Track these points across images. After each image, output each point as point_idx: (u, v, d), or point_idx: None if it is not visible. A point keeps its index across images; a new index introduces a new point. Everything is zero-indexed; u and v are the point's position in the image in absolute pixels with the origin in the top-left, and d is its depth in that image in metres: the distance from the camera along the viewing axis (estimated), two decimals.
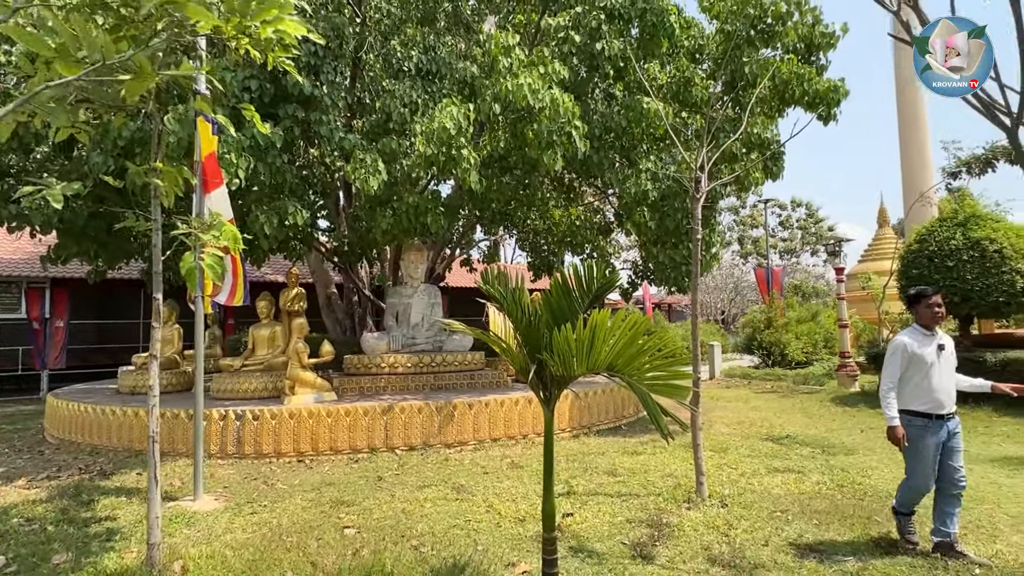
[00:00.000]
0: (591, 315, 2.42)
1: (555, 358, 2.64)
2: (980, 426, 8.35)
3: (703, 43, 8.56)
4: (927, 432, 3.80)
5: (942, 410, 3.80)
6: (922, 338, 3.94)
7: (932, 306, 3.92)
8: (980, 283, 9.65)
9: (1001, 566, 3.64)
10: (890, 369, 3.94)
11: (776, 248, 43.94)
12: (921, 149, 18.67)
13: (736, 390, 14.28)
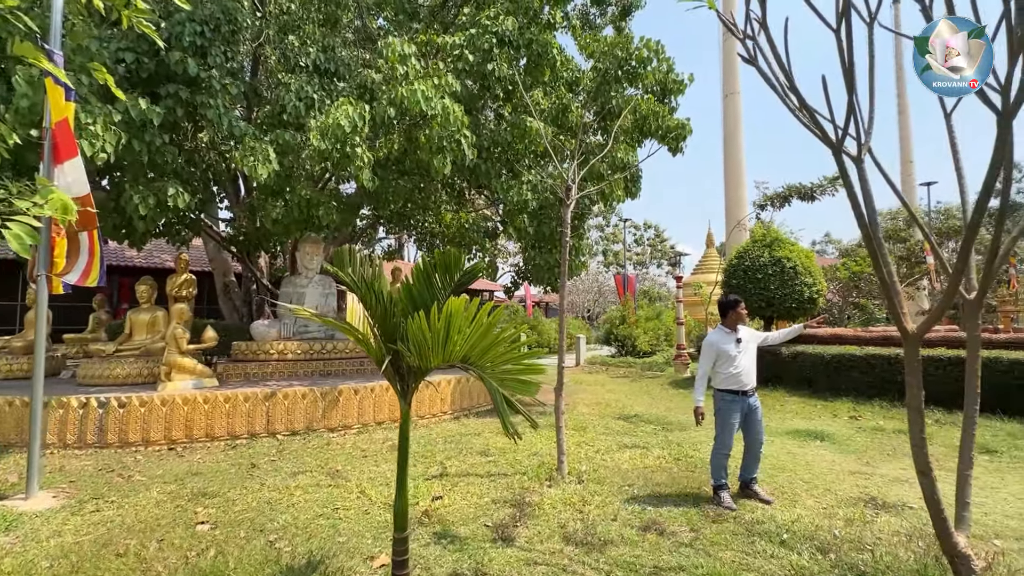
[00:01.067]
0: (447, 303, 1.92)
1: (411, 348, 2.11)
2: (777, 404, 8.95)
3: (579, 76, 8.42)
4: (734, 405, 4.24)
5: (745, 388, 4.24)
6: (725, 336, 4.31)
7: (738, 311, 4.32)
8: (780, 292, 10.47)
9: (800, 530, 3.63)
10: (702, 361, 4.37)
11: (631, 260, 46.49)
12: (739, 186, 20.47)
13: (596, 375, 14.54)
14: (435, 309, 1.90)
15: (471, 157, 6.73)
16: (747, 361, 4.26)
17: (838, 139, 2.50)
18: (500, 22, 7.04)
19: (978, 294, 2.61)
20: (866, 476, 4.99)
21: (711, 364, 4.31)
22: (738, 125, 19.97)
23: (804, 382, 9.96)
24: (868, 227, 2.49)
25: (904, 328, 2.49)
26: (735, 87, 20.04)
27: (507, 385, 2.01)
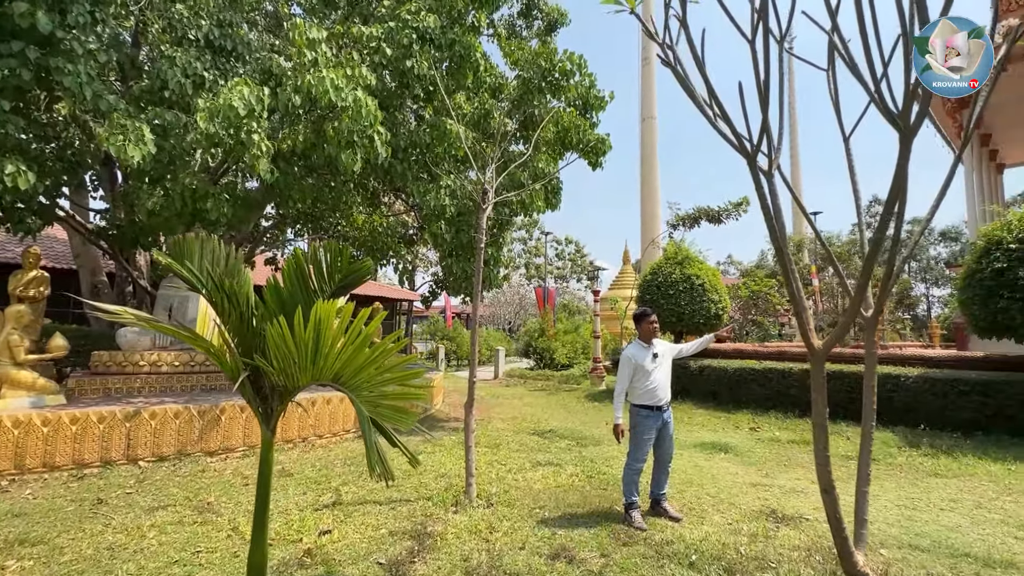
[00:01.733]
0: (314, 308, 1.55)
1: (274, 363, 1.71)
2: (685, 417, 9.25)
3: (503, 83, 8.29)
4: (649, 421, 4.17)
5: (660, 403, 4.18)
6: (642, 350, 4.25)
7: (650, 324, 4.27)
8: (689, 308, 10.93)
9: (708, 550, 3.58)
10: (620, 376, 4.29)
11: (552, 273, 47.46)
12: (654, 206, 21.58)
13: (514, 388, 14.39)
14: (299, 315, 1.52)
15: (384, 155, 6.30)
16: (662, 375, 4.22)
17: (752, 150, 2.45)
18: (422, 18, 6.72)
19: (874, 311, 2.67)
20: (766, 488, 5.14)
21: (628, 379, 4.24)
22: (653, 148, 21.10)
23: (710, 395, 10.42)
24: (779, 240, 2.45)
25: (811, 344, 2.47)
26: (652, 112, 21.18)
27: (381, 414, 1.66)
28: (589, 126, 8.30)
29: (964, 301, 7.65)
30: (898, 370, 8.13)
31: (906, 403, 7.79)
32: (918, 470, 5.81)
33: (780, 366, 9.44)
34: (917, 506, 4.65)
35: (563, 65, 7.89)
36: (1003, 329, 7.03)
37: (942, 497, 4.84)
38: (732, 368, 10.02)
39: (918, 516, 4.37)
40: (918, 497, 4.87)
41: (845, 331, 2.46)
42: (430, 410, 9.75)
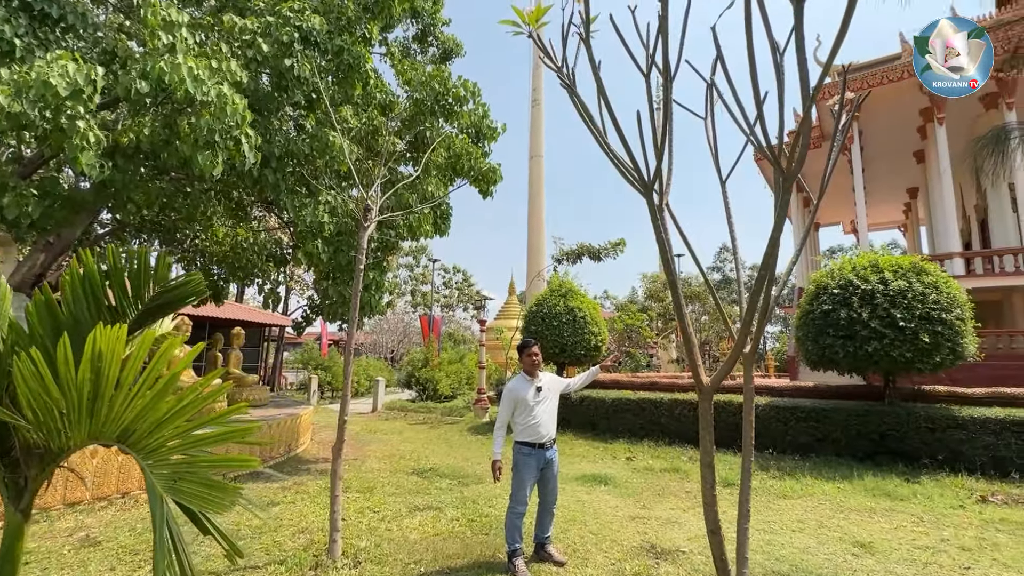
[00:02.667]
0: (91, 336, 1.06)
1: (28, 413, 1.17)
2: (566, 448, 9.30)
3: (394, 101, 7.95)
4: (531, 459, 3.91)
5: (543, 440, 3.94)
6: (524, 383, 4.05)
7: (531, 355, 4.09)
8: (572, 339, 11.21)
9: None
10: (501, 410, 4.06)
11: (439, 302, 46.84)
12: (540, 240, 22.41)
13: (394, 422, 13.53)
14: (65, 347, 1.03)
15: (253, 162, 5.56)
16: (546, 411, 4.04)
17: (649, 184, 2.41)
18: (306, 17, 6.19)
19: (752, 347, 2.75)
20: (644, 520, 5.18)
21: (510, 413, 4.01)
22: (540, 184, 22.07)
23: (589, 425, 10.67)
24: (672, 274, 2.42)
25: (700, 380, 2.43)
26: (539, 151, 22.22)
27: (182, 491, 1.19)
28: (481, 154, 8.25)
29: (799, 338, 8.75)
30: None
31: (756, 429, 8.59)
32: (770, 492, 6.32)
33: (652, 396, 9.97)
34: (773, 529, 4.98)
35: (457, 91, 7.80)
36: (829, 362, 8.11)
37: (792, 519, 5.26)
38: (610, 398, 10.38)
39: (776, 540, 4.66)
40: (773, 519, 5.23)
41: (731, 367, 2.47)
42: (295, 451, 8.67)
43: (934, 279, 7.51)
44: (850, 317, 7.60)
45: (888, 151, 18.95)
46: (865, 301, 7.55)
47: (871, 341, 7.44)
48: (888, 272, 7.61)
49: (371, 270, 7.27)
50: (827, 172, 2.59)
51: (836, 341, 7.82)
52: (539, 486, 4.05)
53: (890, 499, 5.94)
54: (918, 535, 4.76)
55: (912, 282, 7.43)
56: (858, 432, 7.68)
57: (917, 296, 7.30)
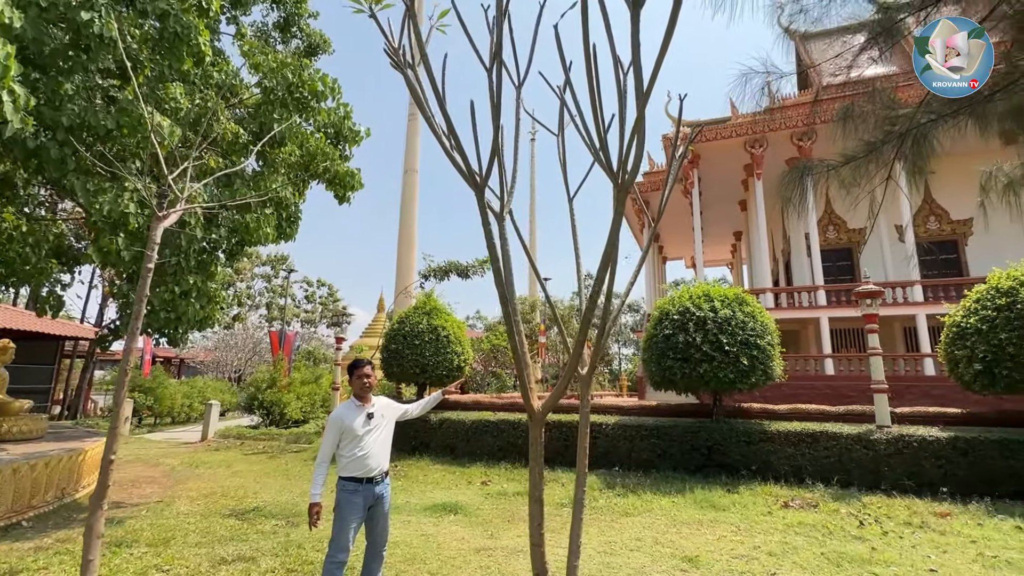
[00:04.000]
0: None
1: None
2: (420, 475, 8.75)
3: (236, 84, 6.96)
4: (356, 496, 3.40)
5: (372, 474, 3.44)
6: (353, 410, 3.52)
7: (361, 376, 3.57)
8: (434, 359, 10.76)
9: None
10: (325, 442, 3.48)
11: (298, 316, 43.15)
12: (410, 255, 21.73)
13: (225, 452, 11.73)
14: None
15: (18, 126, 4.32)
16: (378, 441, 3.53)
17: (480, 182, 2.15)
18: None
19: (589, 368, 2.62)
20: (490, 553, 4.89)
21: (334, 445, 3.45)
22: (413, 199, 21.54)
23: (447, 449, 10.23)
24: (503, 285, 2.18)
25: (531, 407, 2.20)
26: (414, 165, 21.76)
27: None
28: (339, 156, 7.58)
29: (645, 360, 9.34)
30: (601, 418, 9.32)
31: (606, 447, 8.90)
32: (614, 511, 6.45)
33: (512, 417, 9.89)
34: (613, 549, 5.00)
35: (313, 84, 7.08)
36: (669, 382, 8.74)
37: (631, 537, 5.36)
38: (470, 420, 10.08)
39: (614, 561, 4.66)
40: (614, 539, 5.28)
41: (562, 393, 2.29)
42: (72, 496, 6.89)
43: (752, 309, 8.53)
44: (687, 341, 8.28)
45: (721, 199, 21.86)
46: (699, 327, 8.29)
47: (703, 363, 8.15)
48: (718, 302, 8.47)
49: (192, 274, 6.14)
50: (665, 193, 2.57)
51: (675, 363, 8.45)
52: (366, 527, 3.52)
53: (715, 510, 6.40)
54: (735, 544, 5.11)
55: (736, 311, 8.34)
56: (691, 447, 8.32)
57: (739, 324, 8.19)
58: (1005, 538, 5.30)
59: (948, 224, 17.01)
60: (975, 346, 7.33)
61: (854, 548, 4.95)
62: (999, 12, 2.91)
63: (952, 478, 6.93)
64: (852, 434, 7.53)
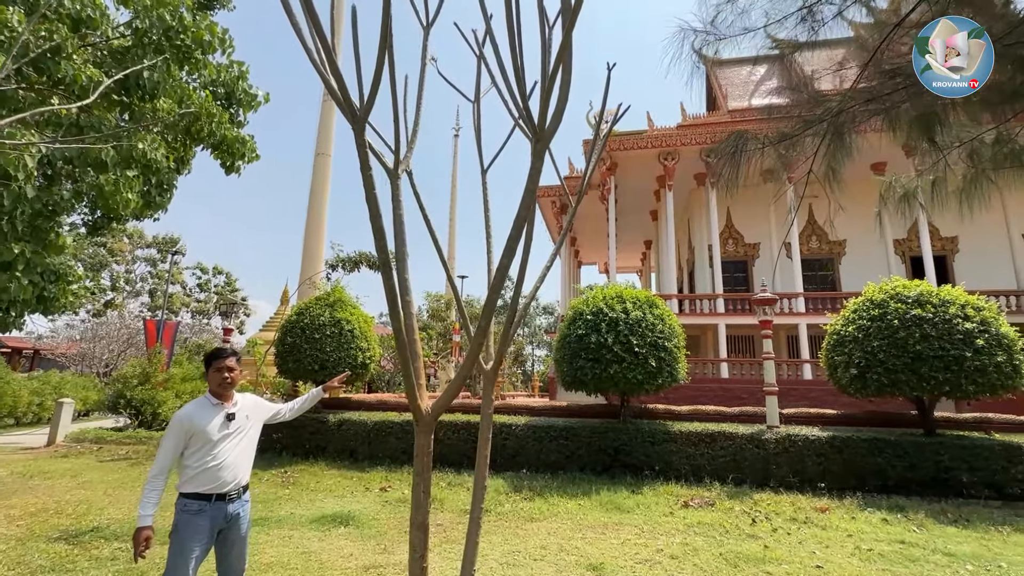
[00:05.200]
0: None
1: None
2: (312, 482, 7.91)
3: (96, 19, 5.77)
4: (201, 519, 2.72)
5: (225, 488, 2.79)
6: (208, 409, 2.85)
7: (222, 370, 2.89)
8: (335, 354, 9.89)
9: None
10: (163, 449, 2.74)
11: (189, 307, 38.97)
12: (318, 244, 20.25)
13: (75, 459, 9.97)
14: None
15: None
16: (237, 448, 2.87)
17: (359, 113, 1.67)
18: None
19: (494, 363, 2.23)
20: (380, 570, 4.35)
21: (176, 451, 2.75)
22: (325, 184, 20.09)
23: (347, 452, 9.43)
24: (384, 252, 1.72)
25: (418, 407, 1.75)
26: (327, 149, 20.31)
27: None
28: (229, 120, 6.60)
29: (557, 360, 9.20)
30: (511, 419, 9.04)
31: (515, 449, 8.62)
32: (519, 516, 6.15)
33: None
34: (517, 560, 4.67)
35: (199, 33, 6.07)
36: (579, 383, 8.65)
37: (536, 545, 5.06)
38: (372, 421, 9.36)
39: (517, 574, 4.32)
40: (518, 548, 4.95)
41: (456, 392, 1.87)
42: None
43: (661, 312, 8.68)
44: (598, 342, 8.22)
45: (635, 208, 22.71)
46: (611, 327, 8.27)
47: (613, 364, 8.14)
48: (630, 303, 8.51)
49: (19, 242, 4.95)
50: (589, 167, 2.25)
51: (587, 363, 8.37)
52: (217, 556, 2.85)
53: (619, 512, 6.31)
54: (639, 548, 4.99)
55: (646, 313, 8.43)
56: (599, 448, 8.27)
57: (649, 325, 8.29)
58: (876, 531, 5.68)
59: (827, 244, 18.89)
60: (852, 352, 7.96)
61: (748, 547, 5.02)
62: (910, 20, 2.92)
63: (829, 474, 7.43)
64: (746, 434, 7.87)
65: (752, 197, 18.96)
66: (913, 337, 7.40)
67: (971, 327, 7.25)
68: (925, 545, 5.19)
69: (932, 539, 5.41)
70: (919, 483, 7.19)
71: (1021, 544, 5.36)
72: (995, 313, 7.51)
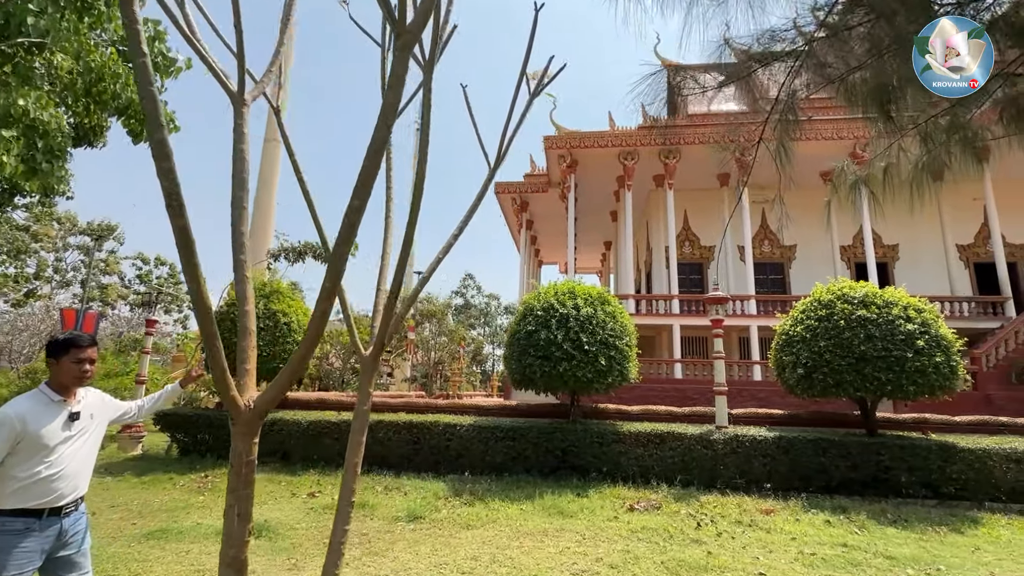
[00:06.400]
0: None
1: None
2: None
3: None
4: (27, 538, 2.18)
5: (60, 502, 2.28)
6: (47, 407, 2.30)
7: (83, 361, 2.37)
8: (268, 349, 9.18)
9: None
10: None
11: (127, 300, 36.51)
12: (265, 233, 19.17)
13: None
14: None
15: None
16: (78, 454, 2.35)
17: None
18: None
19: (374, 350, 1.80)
20: None
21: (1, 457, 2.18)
22: (273, 171, 19.02)
23: (279, 454, 8.73)
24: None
25: (234, 402, 1.30)
26: (275, 135, 19.26)
27: None
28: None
29: (507, 357, 8.81)
30: (456, 419, 8.57)
31: (459, 450, 8.16)
32: (455, 522, 5.71)
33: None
34: (442, 574, 4.23)
35: None
36: (529, 381, 8.28)
37: (467, 555, 4.64)
38: (308, 421, 8.69)
39: None
40: (446, 561, 4.51)
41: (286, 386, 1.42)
42: None
43: (613, 309, 8.42)
44: (548, 338, 7.88)
45: (595, 208, 22.64)
46: (561, 324, 7.94)
47: (563, 362, 7.81)
48: (581, 299, 8.21)
49: None
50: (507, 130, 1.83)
51: (536, 361, 8.01)
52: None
53: (562, 516, 5.97)
54: (578, 557, 4.64)
55: (598, 310, 8.15)
56: (546, 449, 7.91)
57: (600, 323, 8.00)
58: (819, 533, 5.55)
59: (778, 248, 19.31)
60: (799, 353, 7.91)
61: (692, 553, 4.76)
62: None
63: (775, 474, 7.34)
64: (695, 434, 7.69)
65: (709, 200, 19.19)
66: (858, 338, 7.40)
67: (913, 328, 7.30)
68: (867, 548, 5.07)
69: (873, 541, 5.32)
70: (861, 483, 7.18)
71: (957, 545, 5.33)
72: (935, 315, 7.61)
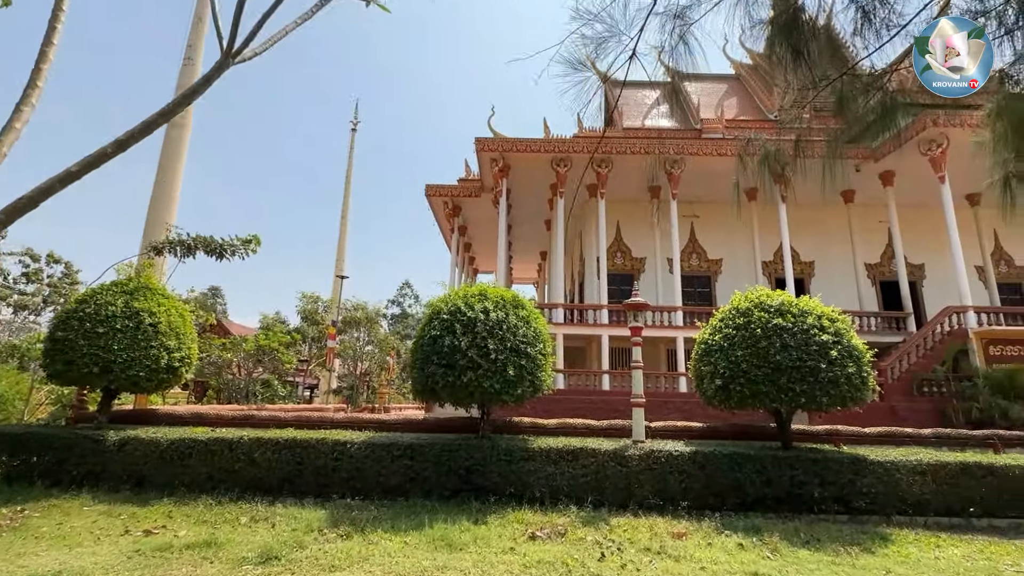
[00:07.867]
0: None
1: None
2: (48, 524, 5.78)
3: None
4: None
5: None
6: None
7: None
8: (126, 354, 7.74)
9: None
10: None
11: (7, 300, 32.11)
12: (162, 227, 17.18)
13: None
14: None
15: None
16: None
17: None
18: None
19: None
20: None
21: None
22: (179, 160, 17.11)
23: (131, 479, 7.30)
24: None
25: None
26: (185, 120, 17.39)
27: None
28: None
29: (410, 365, 7.89)
30: (350, 435, 7.52)
31: (350, 472, 7.11)
32: (317, 564, 4.71)
33: (230, 435, 7.44)
34: None
35: None
36: (431, 392, 7.40)
37: None
38: (168, 440, 7.33)
39: None
40: None
41: None
42: None
43: (527, 314, 7.74)
44: (453, 345, 7.06)
45: (531, 216, 22.21)
46: (468, 329, 7.16)
47: (468, 371, 7.01)
48: (491, 302, 7.47)
49: None
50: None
51: (439, 370, 7.16)
52: None
53: (450, 550, 5.11)
54: None
55: (509, 314, 7.44)
56: (448, 469, 7.04)
57: (511, 328, 7.29)
58: (730, 560, 5.02)
59: (706, 262, 19.60)
60: (717, 362, 7.55)
61: None
62: None
63: (691, 492, 6.85)
64: (609, 450, 7.09)
65: (641, 212, 19.21)
66: (774, 347, 7.12)
67: (827, 339, 7.11)
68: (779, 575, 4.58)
69: (786, 567, 4.85)
70: (775, 499, 6.83)
71: (869, 568, 4.96)
72: (848, 325, 7.49)
